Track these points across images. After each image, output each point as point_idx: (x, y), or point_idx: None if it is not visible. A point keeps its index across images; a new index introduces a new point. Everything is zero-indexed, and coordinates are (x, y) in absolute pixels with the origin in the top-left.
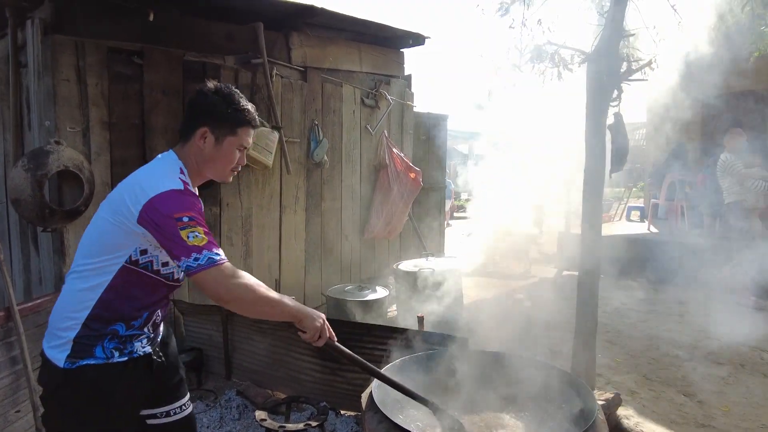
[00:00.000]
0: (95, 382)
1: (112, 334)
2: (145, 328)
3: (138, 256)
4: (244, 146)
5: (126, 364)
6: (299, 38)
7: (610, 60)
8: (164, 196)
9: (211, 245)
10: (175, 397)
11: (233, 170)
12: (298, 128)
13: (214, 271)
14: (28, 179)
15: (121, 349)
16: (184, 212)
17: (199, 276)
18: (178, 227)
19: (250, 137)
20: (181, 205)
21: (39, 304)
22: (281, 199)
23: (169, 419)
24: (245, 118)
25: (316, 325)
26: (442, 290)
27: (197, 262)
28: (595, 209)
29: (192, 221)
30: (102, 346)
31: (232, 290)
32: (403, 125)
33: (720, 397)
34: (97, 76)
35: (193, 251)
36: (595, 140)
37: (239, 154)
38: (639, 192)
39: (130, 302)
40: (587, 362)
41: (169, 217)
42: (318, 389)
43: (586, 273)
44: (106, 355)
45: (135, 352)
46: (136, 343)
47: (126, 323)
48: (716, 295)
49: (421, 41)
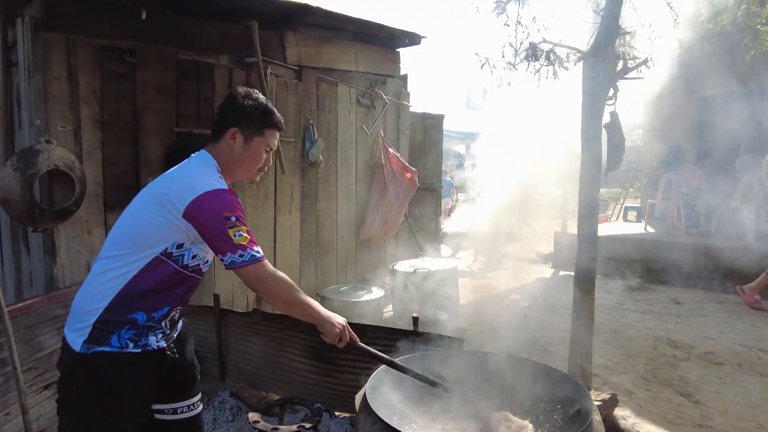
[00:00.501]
0: (107, 369)
1: (131, 323)
2: (163, 323)
3: (173, 249)
4: (271, 147)
5: (139, 356)
6: (294, 37)
7: (606, 58)
8: (214, 194)
9: (252, 243)
10: (184, 395)
11: (260, 170)
12: (293, 127)
13: (256, 267)
14: (18, 179)
15: (136, 340)
16: (232, 212)
17: (243, 271)
18: (227, 226)
19: (276, 139)
20: (228, 204)
21: (28, 305)
22: (276, 199)
23: (176, 417)
24: (272, 120)
25: (335, 331)
26: (438, 290)
27: (242, 259)
28: (592, 208)
29: (238, 221)
30: (119, 335)
31: (272, 287)
32: (399, 125)
33: (717, 397)
34: (88, 74)
35: (239, 248)
36: (592, 139)
37: (266, 155)
38: (636, 192)
39: (154, 293)
40: (584, 362)
41: (219, 215)
42: (312, 391)
43: (583, 272)
44: (120, 345)
45: (149, 345)
46: (151, 337)
47: (147, 313)
48: (714, 295)
49: (417, 41)
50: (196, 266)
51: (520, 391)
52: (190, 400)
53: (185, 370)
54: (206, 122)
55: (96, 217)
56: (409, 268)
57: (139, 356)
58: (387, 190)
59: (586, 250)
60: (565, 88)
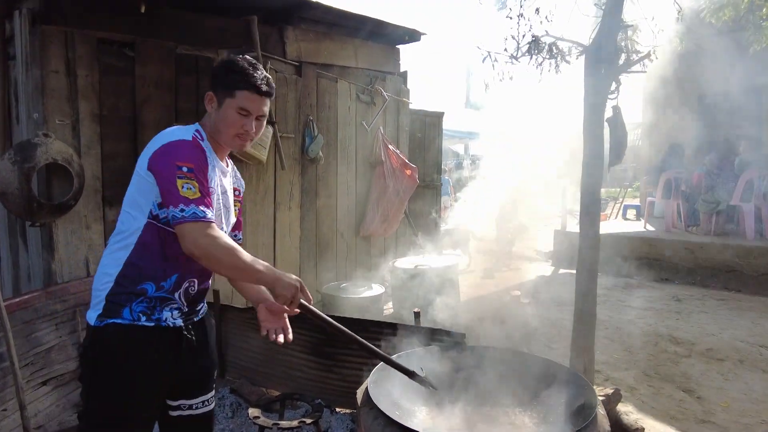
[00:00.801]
0: (118, 342)
1: (142, 295)
2: (176, 294)
3: (157, 210)
4: (246, 110)
5: (152, 331)
6: (294, 33)
7: (608, 52)
8: (173, 144)
9: (201, 201)
10: (202, 390)
11: (240, 137)
12: (292, 123)
13: (195, 226)
14: (15, 172)
15: (148, 314)
16: (185, 162)
17: (180, 227)
18: (176, 175)
19: (253, 103)
20: (184, 154)
21: (26, 300)
22: (275, 195)
23: (192, 412)
24: (243, 80)
25: (287, 294)
26: (439, 287)
27: (182, 214)
28: (594, 203)
29: (190, 173)
30: (130, 308)
31: (206, 247)
32: (399, 122)
33: (719, 393)
34: (87, 68)
35: (182, 202)
36: (594, 134)
37: (242, 119)
38: (635, 192)
39: (158, 260)
40: (586, 358)
41: (171, 165)
42: (312, 387)
43: (585, 268)
44: (132, 318)
45: (163, 320)
46: (165, 312)
47: (155, 283)
48: (714, 292)
49: (417, 37)
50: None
51: (522, 386)
52: (208, 395)
53: (205, 359)
54: None
55: (94, 212)
56: (409, 265)
57: (152, 330)
58: (387, 187)
59: (588, 247)
60: (567, 83)
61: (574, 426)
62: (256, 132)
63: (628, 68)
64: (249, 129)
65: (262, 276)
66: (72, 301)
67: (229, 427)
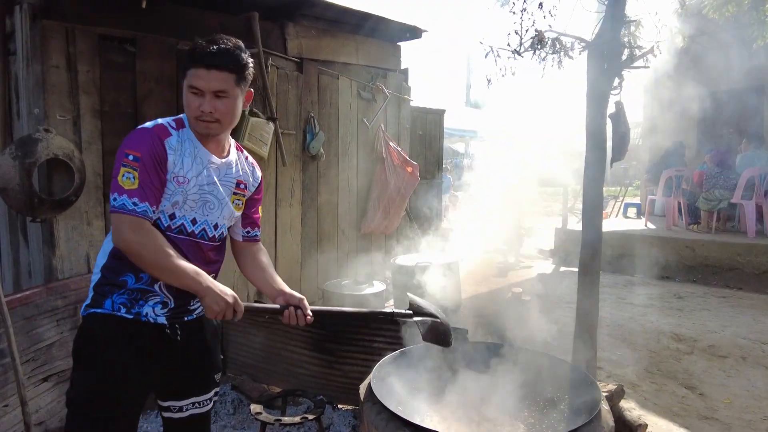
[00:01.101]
0: (96, 331)
1: (123, 286)
2: (155, 286)
3: None
4: (195, 87)
5: (131, 323)
6: (295, 29)
7: (611, 47)
8: (133, 132)
9: (135, 193)
10: (195, 392)
11: (200, 120)
12: (293, 120)
13: (121, 217)
14: (16, 167)
15: (128, 306)
16: (133, 150)
17: (112, 217)
18: (122, 163)
19: (201, 79)
20: (134, 143)
21: (27, 296)
22: (277, 192)
23: (181, 415)
24: (189, 57)
25: (215, 308)
26: (440, 284)
27: (114, 203)
28: (596, 199)
29: (135, 161)
30: (112, 299)
31: (129, 243)
32: (400, 119)
33: (722, 390)
34: (88, 63)
35: (116, 190)
36: (596, 129)
37: (196, 99)
38: (635, 191)
39: None
40: (588, 355)
41: (121, 152)
42: (314, 383)
43: (587, 265)
44: (113, 308)
45: (143, 315)
46: (146, 307)
47: (135, 275)
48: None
49: (418, 34)
50: (168, 223)
51: (525, 382)
52: (200, 397)
53: (200, 360)
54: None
55: (95, 208)
56: (410, 262)
57: (131, 323)
58: (388, 184)
59: (590, 243)
60: (570, 78)
61: (579, 421)
62: (220, 112)
63: (631, 64)
64: (206, 109)
65: (189, 283)
66: (73, 297)
67: (230, 424)
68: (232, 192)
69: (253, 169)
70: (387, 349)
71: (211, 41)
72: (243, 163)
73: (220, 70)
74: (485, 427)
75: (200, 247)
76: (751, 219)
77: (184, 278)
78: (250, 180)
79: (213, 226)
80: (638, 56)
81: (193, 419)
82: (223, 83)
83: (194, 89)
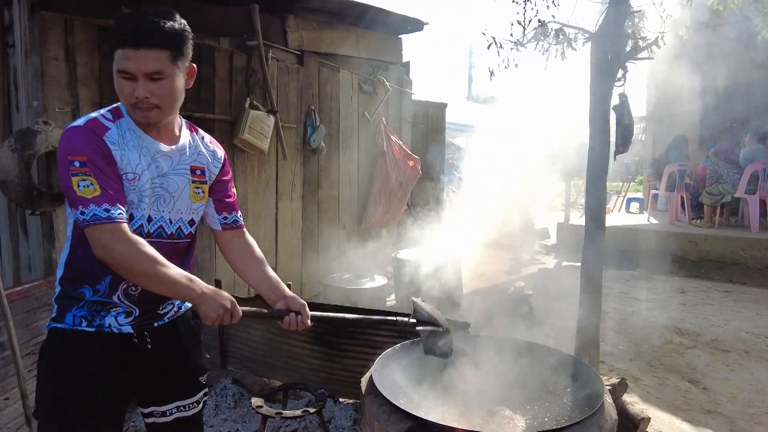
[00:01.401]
0: (57, 347)
1: (81, 299)
2: (114, 297)
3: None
4: (125, 71)
5: (93, 337)
6: (295, 21)
7: (615, 38)
8: (64, 135)
9: (101, 199)
10: (177, 396)
11: (137, 108)
12: (294, 113)
13: (97, 228)
14: (15, 159)
15: (89, 319)
16: (76, 155)
17: (86, 232)
18: (71, 172)
19: (130, 60)
20: (73, 147)
21: (27, 290)
22: (277, 186)
23: (166, 419)
24: (113, 37)
25: (211, 315)
26: (441, 279)
27: (83, 217)
28: (600, 192)
29: (84, 167)
30: (73, 313)
31: (113, 253)
32: (402, 112)
33: (725, 384)
34: (87, 55)
35: (80, 203)
36: (600, 122)
37: (128, 84)
38: (637, 186)
39: (88, 262)
40: (591, 349)
41: (63, 160)
42: (315, 377)
43: (590, 258)
44: (74, 323)
45: (106, 326)
46: (108, 317)
47: (92, 287)
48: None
49: (420, 27)
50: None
51: (528, 375)
52: (185, 400)
53: (180, 365)
54: (206, 105)
55: None
56: (411, 256)
57: (93, 337)
58: (389, 178)
59: (594, 236)
60: (573, 70)
61: (582, 414)
62: (158, 97)
63: (635, 55)
64: (140, 95)
65: (182, 291)
66: None
67: (231, 417)
68: (189, 181)
69: (213, 150)
70: (388, 343)
71: (136, 14)
72: (199, 146)
73: (152, 48)
74: (488, 420)
75: (160, 248)
76: (754, 214)
77: (176, 285)
78: (210, 162)
79: (168, 221)
80: (642, 47)
81: (179, 422)
82: (157, 63)
83: (124, 73)
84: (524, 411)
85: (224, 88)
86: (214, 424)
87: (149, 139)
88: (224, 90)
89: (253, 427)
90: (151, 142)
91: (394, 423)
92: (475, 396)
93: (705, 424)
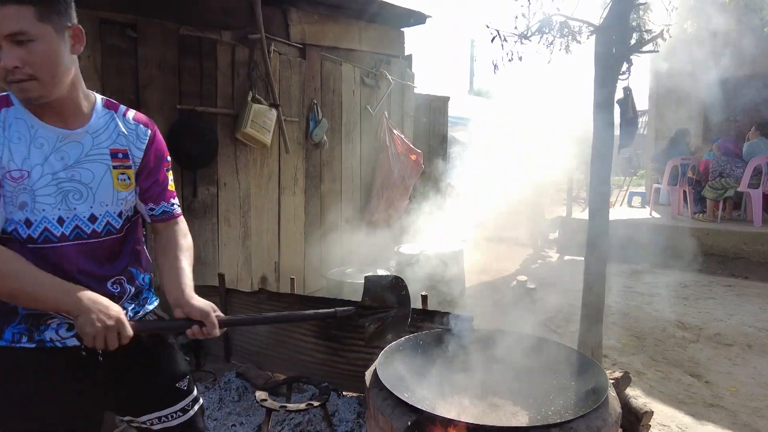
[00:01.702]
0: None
1: (15, 314)
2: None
3: None
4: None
5: (34, 353)
6: (298, 14)
7: (620, 31)
8: None
9: None
10: (154, 407)
11: (7, 81)
12: (296, 107)
13: None
14: None
15: (29, 334)
16: None
17: None
18: None
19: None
20: None
21: None
22: (280, 180)
23: (151, 428)
24: None
25: (87, 330)
26: (444, 273)
27: None
28: (603, 186)
29: None
30: (11, 330)
31: None
32: (404, 106)
33: (727, 378)
34: (89, 48)
35: None
36: (604, 115)
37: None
38: (639, 180)
39: None
40: (594, 343)
41: None
42: (319, 370)
43: (594, 252)
44: (13, 339)
45: (48, 341)
46: (48, 331)
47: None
48: (721, 278)
49: (422, 20)
50: (27, 233)
51: (531, 369)
52: (165, 411)
53: (148, 375)
54: (209, 99)
55: None
56: (414, 250)
57: (35, 353)
58: (392, 172)
59: (597, 230)
60: (577, 63)
61: (586, 408)
62: (31, 65)
63: (640, 48)
64: (8, 64)
65: (50, 302)
66: None
67: (235, 411)
68: (109, 167)
69: (137, 126)
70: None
71: None
72: (120, 124)
73: (6, 4)
74: (492, 413)
75: (84, 249)
76: (757, 208)
77: (39, 297)
78: (133, 142)
79: (89, 219)
80: (647, 40)
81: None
82: (17, 23)
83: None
84: (528, 404)
85: (226, 82)
86: (218, 418)
87: (46, 126)
88: (226, 83)
89: (257, 421)
90: (48, 130)
91: (398, 416)
92: (479, 389)
93: (708, 417)
